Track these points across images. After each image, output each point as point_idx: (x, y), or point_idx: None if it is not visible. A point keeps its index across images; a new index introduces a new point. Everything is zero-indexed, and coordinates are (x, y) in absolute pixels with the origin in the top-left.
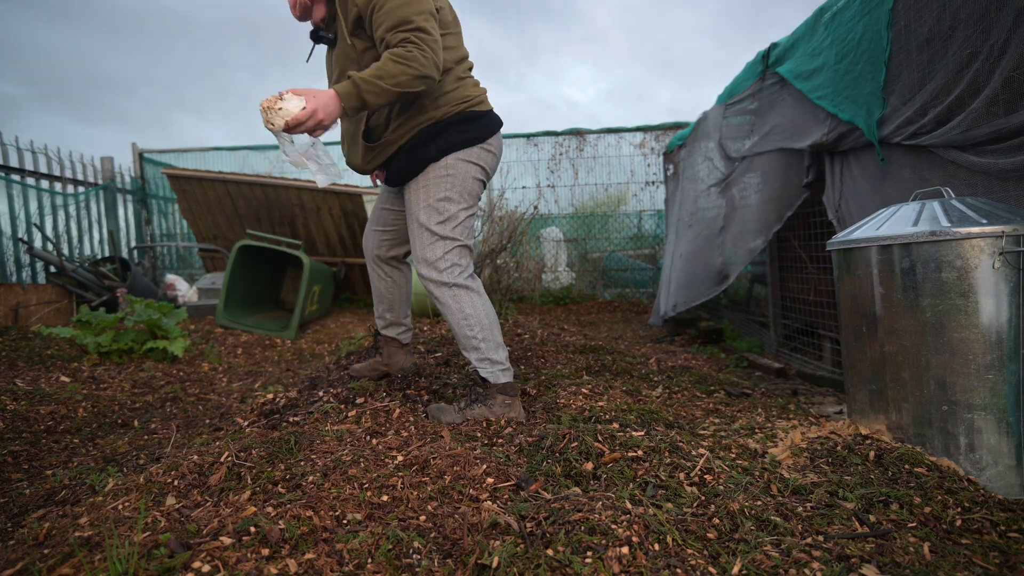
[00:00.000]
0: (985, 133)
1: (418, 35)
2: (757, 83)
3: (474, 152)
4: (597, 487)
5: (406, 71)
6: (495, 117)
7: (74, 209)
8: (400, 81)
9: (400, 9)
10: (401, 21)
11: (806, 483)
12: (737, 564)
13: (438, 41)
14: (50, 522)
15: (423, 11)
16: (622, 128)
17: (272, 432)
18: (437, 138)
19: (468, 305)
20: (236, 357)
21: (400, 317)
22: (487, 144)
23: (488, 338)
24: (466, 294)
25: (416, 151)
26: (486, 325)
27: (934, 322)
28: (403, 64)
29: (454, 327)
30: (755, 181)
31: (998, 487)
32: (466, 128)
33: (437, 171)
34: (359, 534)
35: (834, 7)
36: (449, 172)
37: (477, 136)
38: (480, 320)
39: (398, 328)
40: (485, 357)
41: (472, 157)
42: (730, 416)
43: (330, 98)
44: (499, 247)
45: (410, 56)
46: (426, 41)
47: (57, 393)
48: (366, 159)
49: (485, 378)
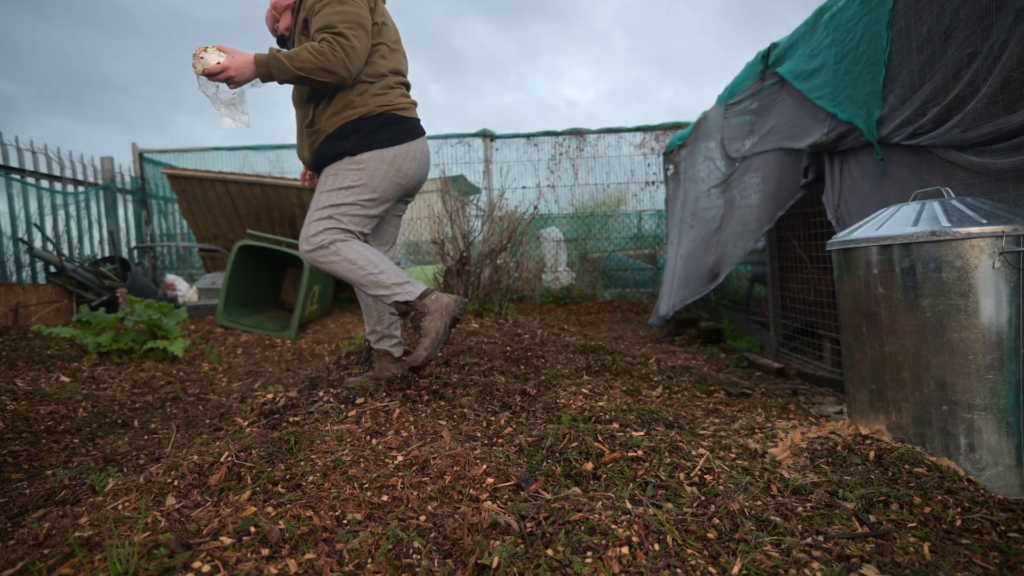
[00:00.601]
0: (984, 133)
1: (336, 38)
2: (757, 83)
3: (390, 153)
4: (597, 487)
5: (312, 60)
6: (417, 127)
7: (74, 209)
8: (304, 67)
9: (329, 16)
10: (327, 25)
11: (806, 483)
12: (737, 564)
13: (356, 48)
14: (50, 522)
15: (349, 21)
16: (622, 128)
17: (272, 432)
18: (356, 133)
19: (349, 251)
20: (236, 357)
21: (390, 330)
22: (404, 147)
23: (384, 269)
24: (343, 245)
25: (337, 141)
26: (374, 260)
27: (934, 322)
28: (312, 55)
29: (350, 277)
30: (754, 181)
31: (998, 487)
32: (385, 129)
33: (350, 163)
34: (359, 534)
35: (834, 7)
36: (361, 166)
37: (394, 138)
38: (368, 258)
39: (390, 341)
40: (393, 282)
41: (387, 158)
42: (730, 416)
43: (246, 62)
44: (499, 247)
45: (320, 51)
46: (341, 44)
47: (57, 393)
48: (309, 147)
49: (406, 300)
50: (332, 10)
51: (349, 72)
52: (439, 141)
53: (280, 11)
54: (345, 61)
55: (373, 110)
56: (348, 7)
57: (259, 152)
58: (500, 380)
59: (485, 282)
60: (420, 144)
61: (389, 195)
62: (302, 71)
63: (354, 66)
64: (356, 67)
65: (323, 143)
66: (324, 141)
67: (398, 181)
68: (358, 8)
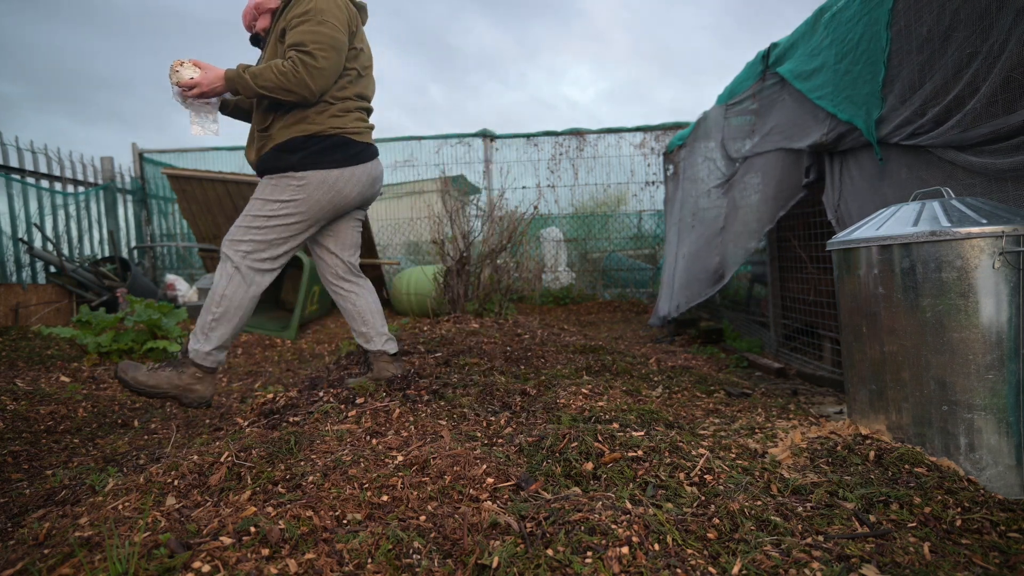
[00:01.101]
0: (984, 133)
1: (303, 57)
2: (757, 83)
3: (332, 175)
4: (597, 487)
5: (274, 80)
6: (367, 151)
7: (74, 209)
8: (265, 86)
9: (303, 34)
10: (298, 43)
11: (806, 483)
12: (737, 564)
13: (323, 69)
14: (50, 522)
15: (321, 42)
16: (622, 128)
17: (272, 432)
18: (303, 150)
19: (231, 289)
20: (236, 357)
21: (378, 327)
22: (349, 171)
23: (222, 321)
24: (239, 279)
25: (284, 153)
26: (230, 314)
27: (934, 322)
28: (275, 75)
29: (209, 294)
30: (755, 181)
31: (998, 487)
32: (332, 151)
33: (292, 178)
34: (359, 534)
35: (834, 7)
36: (301, 183)
37: (339, 160)
38: (230, 306)
39: (381, 338)
40: (204, 333)
41: (329, 180)
42: (730, 416)
43: (216, 77)
44: (499, 247)
45: (283, 71)
46: (307, 64)
47: (57, 393)
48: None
49: (187, 350)
50: (307, 28)
51: (312, 92)
52: (439, 141)
53: (261, 12)
54: (308, 82)
55: (325, 130)
56: (324, 28)
57: None
58: (500, 380)
59: (485, 282)
60: (367, 168)
61: (323, 217)
62: (264, 89)
63: (318, 86)
64: (320, 87)
65: (271, 152)
66: (272, 150)
67: (336, 203)
68: (334, 31)
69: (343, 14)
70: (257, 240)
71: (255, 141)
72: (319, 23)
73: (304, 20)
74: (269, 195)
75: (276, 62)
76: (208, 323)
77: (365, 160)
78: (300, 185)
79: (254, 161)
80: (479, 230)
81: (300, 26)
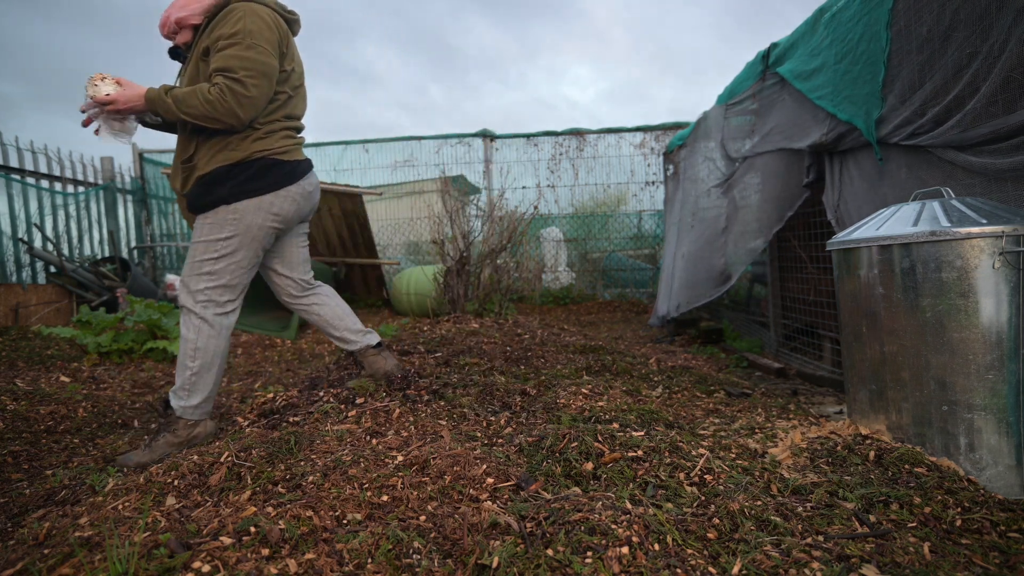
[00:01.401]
0: (983, 133)
1: (232, 84)
2: (757, 83)
3: (266, 200)
4: (597, 487)
5: (199, 108)
6: (298, 168)
7: (74, 209)
8: (190, 112)
9: (230, 60)
10: (226, 68)
11: (806, 483)
12: (737, 564)
13: (252, 98)
14: (50, 522)
15: (251, 69)
16: (622, 128)
17: (272, 432)
18: (230, 181)
19: (203, 340)
20: (236, 357)
21: (351, 327)
22: (283, 192)
23: (201, 374)
24: (207, 329)
25: (212, 187)
26: (208, 363)
27: (934, 322)
28: (201, 102)
29: (182, 351)
30: (756, 181)
31: (998, 487)
32: (260, 176)
33: (226, 212)
34: (359, 534)
35: (834, 7)
36: (236, 216)
37: (271, 184)
38: (205, 357)
39: (358, 336)
40: (186, 388)
41: (264, 205)
42: (730, 416)
43: (136, 96)
44: (499, 247)
45: (210, 100)
46: (235, 92)
47: (57, 393)
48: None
49: (171, 408)
50: (236, 53)
51: (239, 121)
52: (439, 141)
53: (182, 27)
54: (236, 111)
55: (249, 155)
56: (254, 53)
57: None
58: (500, 380)
59: (485, 282)
60: (301, 185)
61: (267, 242)
62: (188, 116)
63: (246, 115)
64: (248, 116)
65: (198, 186)
66: (198, 184)
67: (274, 225)
68: (265, 56)
69: (274, 35)
70: (212, 286)
71: (179, 172)
72: (248, 47)
73: (232, 43)
74: (208, 235)
75: (202, 88)
76: (188, 379)
77: (297, 178)
78: (236, 218)
79: (179, 190)
80: (479, 230)
81: (228, 49)
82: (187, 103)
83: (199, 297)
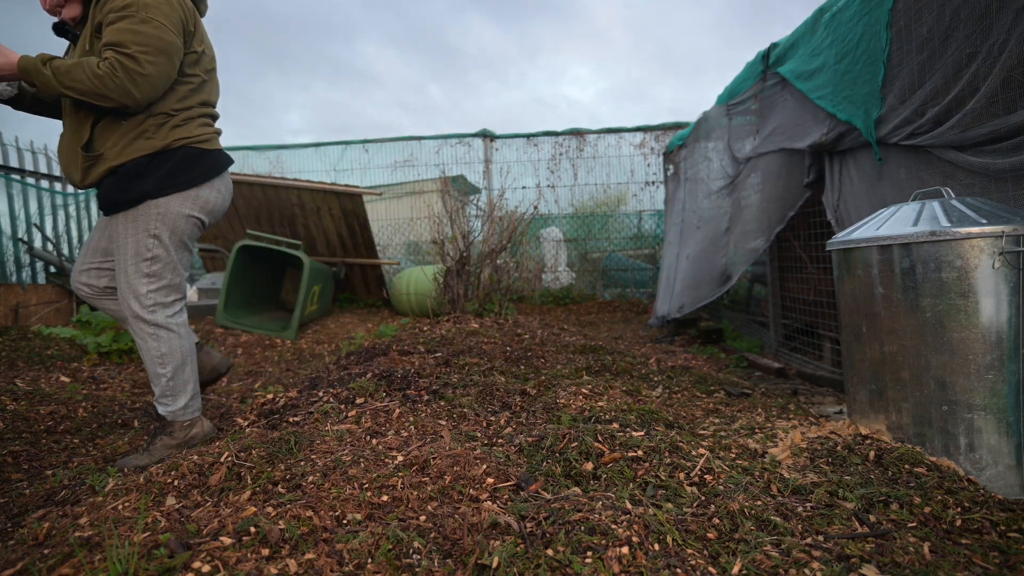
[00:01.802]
0: (983, 133)
1: (123, 59)
2: (758, 83)
3: (191, 194)
4: (597, 487)
5: (86, 83)
6: (220, 159)
7: (74, 209)
8: (73, 87)
9: (121, 33)
10: (117, 43)
11: (806, 483)
12: (737, 564)
13: (149, 76)
14: (50, 522)
15: (146, 44)
16: (622, 128)
17: (272, 432)
18: (155, 173)
19: (165, 345)
20: (236, 357)
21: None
22: (210, 185)
23: (177, 377)
24: (165, 334)
25: (132, 181)
26: (179, 365)
27: (934, 322)
28: (88, 76)
29: (147, 362)
30: (759, 182)
31: (998, 487)
32: (187, 168)
33: (149, 208)
34: (359, 534)
35: (834, 7)
36: (160, 211)
37: (197, 177)
38: (175, 361)
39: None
40: (167, 395)
41: (189, 199)
42: (730, 416)
43: (8, 63)
44: (499, 247)
45: (99, 74)
46: (127, 68)
47: (57, 393)
48: (84, 172)
49: (163, 415)
50: (128, 26)
51: (135, 101)
52: (439, 141)
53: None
54: (129, 88)
55: (170, 144)
56: (149, 28)
57: (259, 152)
58: (500, 380)
59: (485, 282)
60: (225, 177)
61: (192, 234)
62: (71, 90)
63: (142, 94)
64: (146, 96)
65: (114, 181)
66: (115, 179)
67: (201, 218)
68: (161, 32)
69: (174, 12)
70: (155, 288)
71: (77, 161)
72: (143, 21)
73: (123, 15)
74: (135, 235)
75: (90, 60)
76: (167, 386)
77: (223, 169)
78: (161, 213)
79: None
80: (479, 230)
81: (119, 23)
82: (71, 76)
83: (146, 302)
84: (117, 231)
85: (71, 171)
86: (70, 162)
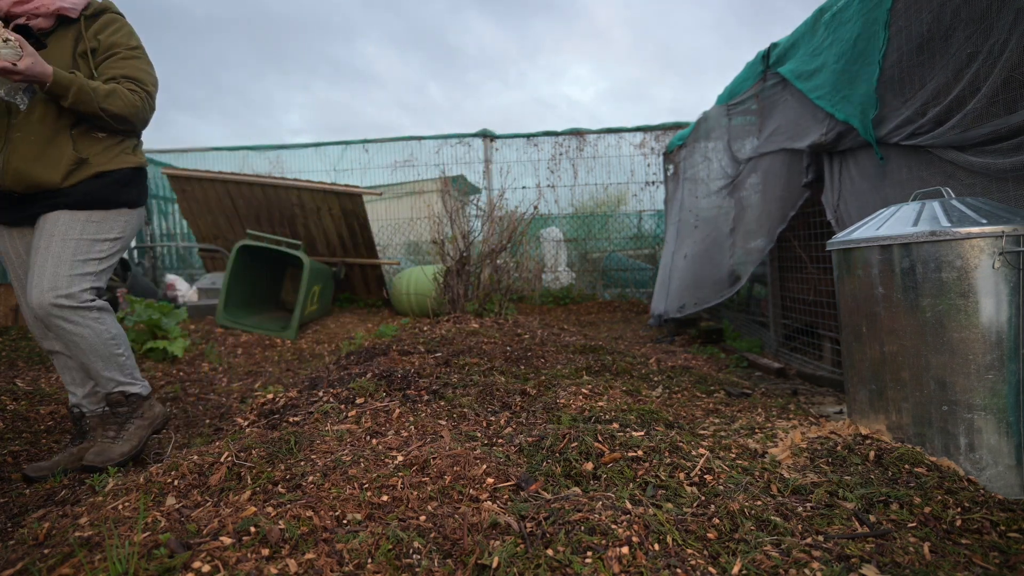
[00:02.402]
0: (984, 133)
1: (146, 97)
2: (758, 84)
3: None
4: (597, 487)
5: (123, 109)
6: None
7: None
8: (110, 110)
9: (139, 71)
10: (138, 79)
11: (806, 483)
12: (737, 564)
13: (153, 109)
14: (50, 522)
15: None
16: (622, 128)
17: (272, 432)
18: (137, 185)
19: (113, 326)
20: (236, 357)
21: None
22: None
23: (128, 354)
24: (107, 316)
25: (123, 187)
26: (126, 343)
27: (934, 322)
28: (126, 103)
29: (100, 348)
30: (760, 182)
31: (998, 487)
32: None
33: (119, 215)
34: (359, 534)
35: (834, 7)
36: (126, 219)
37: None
38: (121, 337)
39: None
40: (129, 375)
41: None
42: (730, 416)
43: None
44: (499, 247)
45: (136, 104)
46: (148, 104)
47: (57, 393)
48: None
49: (136, 393)
50: (142, 66)
51: (143, 128)
52: (439, 141)
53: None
54: (147, 118)
55: (142, 164)
56: (152, 71)
57: (259, 152)
58: (500, 380)
59: (485, 282)
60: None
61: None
62: (106, 112)
63: (146, 124)
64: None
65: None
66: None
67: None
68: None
69: None
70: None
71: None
72: (149, 64)
73: (137, 56)
74: (96, 233)
75: (125, 89)
76: (127, 364)
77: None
78: (127, 221)
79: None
80: (479, 230)
81: (134, 61)
82: (111, 100)
83: (83, 298)
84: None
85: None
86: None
